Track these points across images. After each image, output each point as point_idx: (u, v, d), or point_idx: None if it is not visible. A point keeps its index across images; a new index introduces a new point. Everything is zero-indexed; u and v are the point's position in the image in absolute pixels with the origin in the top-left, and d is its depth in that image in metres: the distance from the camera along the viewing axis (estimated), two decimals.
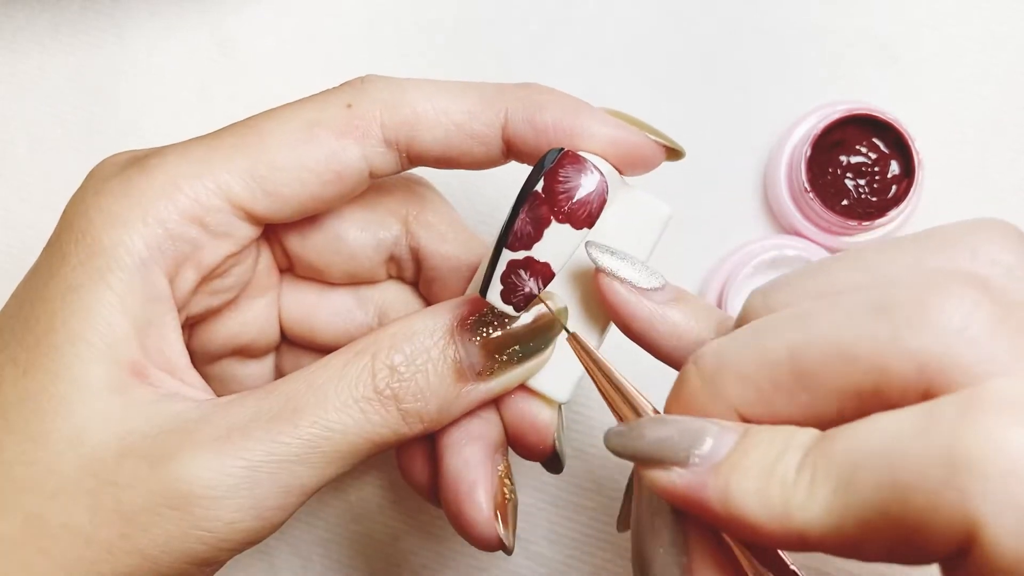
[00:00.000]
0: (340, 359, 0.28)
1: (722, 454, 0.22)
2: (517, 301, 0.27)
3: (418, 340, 0.28)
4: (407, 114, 0.28)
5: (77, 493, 0.25)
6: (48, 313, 0.27)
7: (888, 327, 0.21)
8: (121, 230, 0.27)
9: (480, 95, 0.29)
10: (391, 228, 0.32)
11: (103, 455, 0.26)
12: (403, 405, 0.27)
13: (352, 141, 0.28)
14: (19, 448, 0.26)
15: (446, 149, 0.29)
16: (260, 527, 0.26)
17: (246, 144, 0.28)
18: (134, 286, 0.27)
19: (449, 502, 0.30)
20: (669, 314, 0.28)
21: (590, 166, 0.26)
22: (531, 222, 0.26)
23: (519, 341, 0.28)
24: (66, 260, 0.27)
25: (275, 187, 0.28)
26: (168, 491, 0.25)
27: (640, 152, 0.29)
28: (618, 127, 0.29)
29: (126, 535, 0.25)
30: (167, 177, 0.27)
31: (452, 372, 0.28)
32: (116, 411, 0.26)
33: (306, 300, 0.33)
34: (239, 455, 0.26)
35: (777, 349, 0.22)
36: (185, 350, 0.29)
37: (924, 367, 0.20)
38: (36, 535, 0.25)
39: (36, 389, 0.26)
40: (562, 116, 0.28)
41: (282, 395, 0.27)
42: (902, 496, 0.19)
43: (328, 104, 0.29)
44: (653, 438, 0.23)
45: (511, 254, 0.26)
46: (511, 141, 0.29)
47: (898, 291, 0.21)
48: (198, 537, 0.25)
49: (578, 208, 0.26)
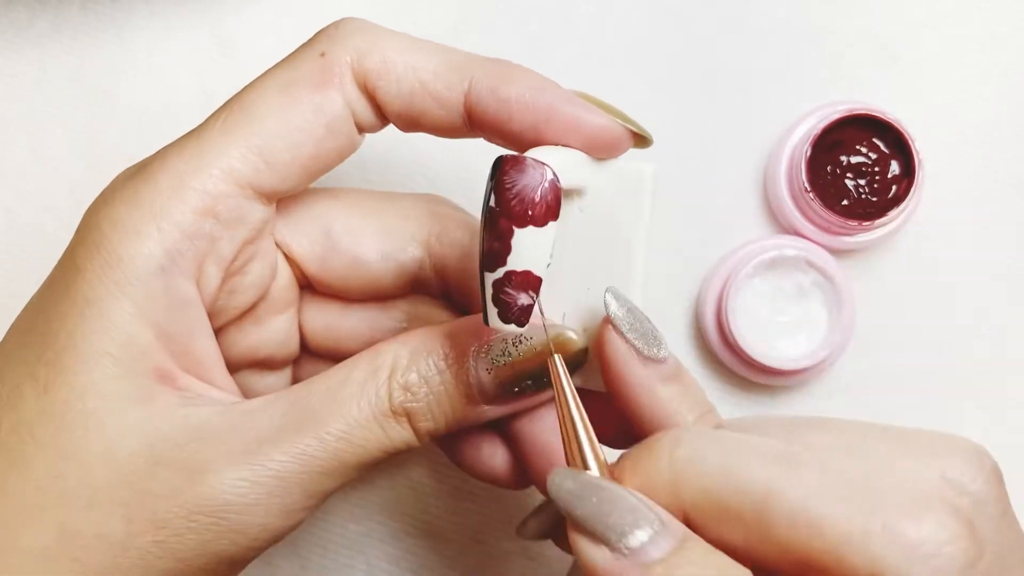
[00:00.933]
0: (361, 372, 0.28)
1: (652, 557, 0.22)
2: (517, 317, 0.26)
3: (433, 361, 0.28)
4: (377, 62, 0.28)
5: (111, 504, 0.26)
6: (67, 328, 0.27)
7: (867, 523, 0.21)
8: (136, 240, 0.27)
9: (448, 58, 0.28)
10: (411, 251, 0.32)
11: (135, 466, 0.26)
12: (415, 424, 0.28)
13: (331, 90, 0.28)
14: (49, 464, 0.26)
15: (408, 106, 0.28)
16: (287, 526, 0.28)
17: (234, 122, 0.28)
18: (155, 295, 0.27)
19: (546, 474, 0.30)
20: (659, 392, 0.27)
21: (532, 162, 0.26)
22: (496, 238, 0.26)
23: (532, 376, 0.28)
24: (81, 273, 0.27)
25: (274, 156, 0.28)
26: (203, 501, 0.26)
27: (606, 136, 0.28)
28: (585, 109, 0.28)
29: (160, 542, 0.26)
30: (171, 178, 0.27)
31: (463, 397, 0.28)
32: (144, 420, 0.26)
33: (329, 313, 0.33)
34: (269, 466, 0.26)
35: (755, 485, 0.22)
36: (217, 351, 0.29)
37: (878, 574, 0.21)
38: (71, 546, 0.26)
39: (60, 405, 0.26)
40: (527, 91, 0.28)
41: (307, 407, 0.28)
42: None
43: (302, 59, 0.29)
44: (593, 508, 0.23)
45: (491, 275, 0.26)
46: (473, 109, 0.28)
47: (887, 493, 0.22)
48: (231, 540, 0.26)
49: (532, 207, 0.25)
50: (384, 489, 0.42)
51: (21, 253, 0.43)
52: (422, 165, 0.42)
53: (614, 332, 0.27)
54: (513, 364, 0.28)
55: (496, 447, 0.32)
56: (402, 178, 0.42)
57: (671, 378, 0.28)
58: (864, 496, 0.22)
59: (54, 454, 0.26)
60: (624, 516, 0.23)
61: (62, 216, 0.42)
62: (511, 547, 0.41)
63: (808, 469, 0.22)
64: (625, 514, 0.23)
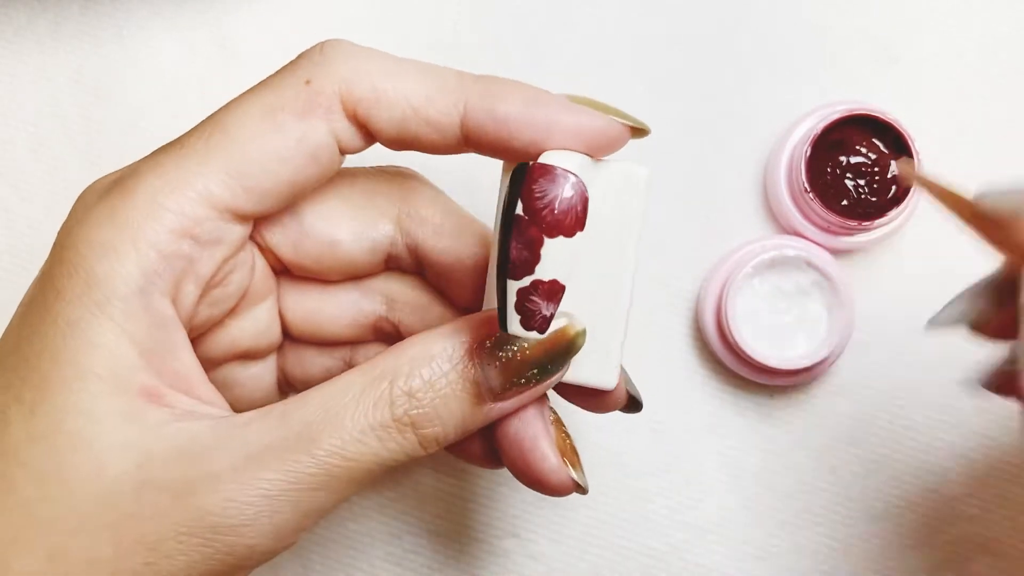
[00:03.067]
0: (357, 384, 0.28)
1: None
2: (539, 325, 0.26)
3: (436, 365, 0.28)
4: (366, 90, 0.28)
5: (99, 527, 0.26)
6: (50, 350, 0.26)
7: None
8: (114, 260, 0.26)
9: (441, 83, 0.28)
10: (384, 229, 0.32)
11: (122, 488, 0.26)
12: (421, 431, 0.28)
13: (317, 119, 0.28)
14: (36, 488, 0.26)
15: (401, 132, 0.28)
16: (279, 547, 0.27)
17: (215, 144, 0.27)
18: (135, 313, 0.27)
19: (517, 463, 0.30)
20: None
21: (561, 172, 0.26)
22: (525, 247, 0.26)
23: (538, 365, 0.28)
24: (61, 295, 0.27)
25: (253, 182, 0.28)
26: (191, 522, 0.26)
27: (606, 135, 0.28)
28: (581, 113, 0.28)
29: (150, 564, 0.26)
30: (147, 196, 0.27)
31: (471, 396, 0.28)
32: (132, 439, 0.26)
33: (308, 298, 0.33)
34: (259, 486, 0.26)
35: None
36: (199, 365, 0.29)
37: None
38: (60, 571, 0.25)
39: (47, 427, 0.26)
40: (524, 108, 0.28)
41: (298, 421, 0.27)
42: None
43: (286, 84, 0.28)
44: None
45: (517, 283, 0.26)
46: (470, 131, 0.28)
47: None
48: (221, 560, 0.26)
49: (564, 217, 0.26)
50: (385, 489, 0.42)
51: (21, 253, 0.43)
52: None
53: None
54: (520, 355, 0.28)
55: (474, 433, 0.31)
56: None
57: None
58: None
59: (41, 477, 0.26)
60: None
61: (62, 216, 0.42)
62: (511, 547, 0.42)
63: None
64: None
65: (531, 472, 0.30)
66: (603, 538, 0.41)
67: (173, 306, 0.28)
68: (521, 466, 0.30)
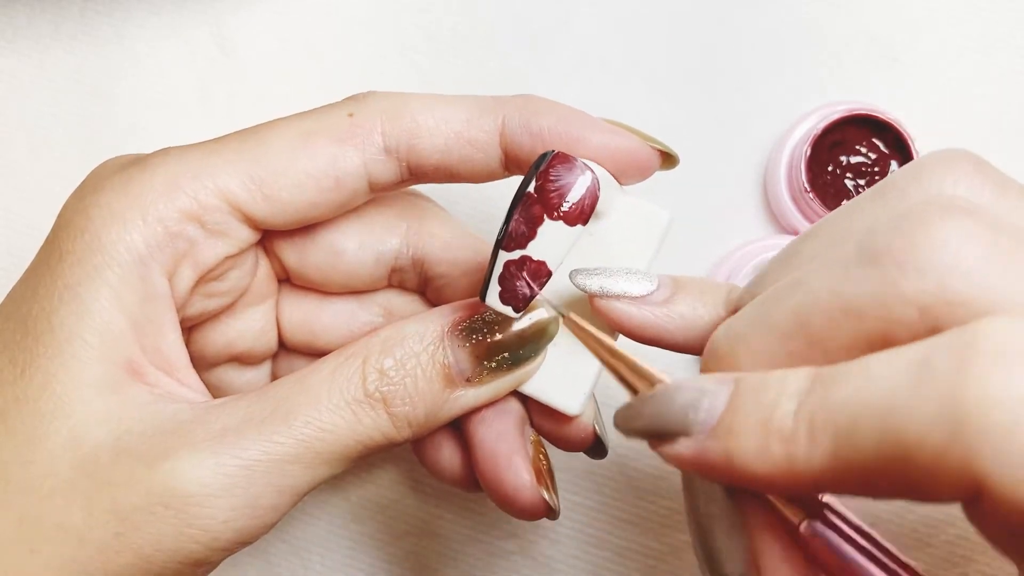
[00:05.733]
0: (332, 362, 0.28)
1: (717, 414, 0.22)
2: (516, 302, 0.27)
3: (408, 344, 0.28)
4: (407, 122, 0.29)
5: (72, 494, 0.26)
6: (45, 312, 0.27)
7: (880, 275, 0.20)
8: (120, 227, 0.27)
9: (478, 104, 0.29)
10: (390, 242, 0.32)
11: (99, 456, 0.26)
12: (392, 409, 0.28)
13: (352, 147, 0.28)
14: (16, 450, 0.26)
15: (445, 156, 0.29)
16: (254, 526, 0.26)
17: (246, 148, 0.28)
18: (132, 283, 0.27)
19: (488, 477, 0.30)
20: (674, 311, 0.27)
21: (580, 164, 0.27)
22: (525, 222, 0.26)
23: (509, 348, 0.28)
24: (63, 258, 0.27)
25: (274, 191, 0.28)
26: (163, 490, 0.25)
27: (636, 158, 0.29)
28: (614, 133, 0.29)
29: (120, 534, 0.25)
30: (167, 176, 0.28)
31: (440, 377, 0.28)
32: (113, 411, 0.26)
33: (306, 306, 0.33)
34: (234, 454, 0.26)
35: (783, 318, 0.22)
36: (184, 349, 0.29)
37: (925, 310, 0.20)
38: (30, 536, 0.25)
39: (34, 390, 0.26)
40: (558, 122, 0.29)
41: (275, 397, 0.27)
42: (905, 453, 0.19)
43: (330, 114, 0.29)
44: (649, 414, 0.23)
45: (507, 255, 0.27)
46: (509, 148, 0.29)
47: (883, 235, 0.21)
48: (192, 536, 0.26)
49: (570, 205, 0.27)
50: (386, 489, 0.42)
51: (21, 253, 0.43)
52: None
53: (602, 299, 0.28)
54: (491, 338, 0.28)
55: (454, 449, 0.32)
56: None
57: (676, 292, 0.28)
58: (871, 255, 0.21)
59: (22, 440, 0.26)
60: (679, 405, 0.23)
61: None
62: (511, 547, 0.42)
63: (817, 273, 0.22)
64: (679, 402, 0.23)
65: (502, 489, 0.30)
66: (603, 538, 0.41)
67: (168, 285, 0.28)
68: (494, 482, 0.30)
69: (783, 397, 0.21)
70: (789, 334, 0.22)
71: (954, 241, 0.20)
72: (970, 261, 0.20)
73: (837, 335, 0.22)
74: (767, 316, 0.23)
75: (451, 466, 0.32)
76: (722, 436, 0.22)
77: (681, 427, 0.23)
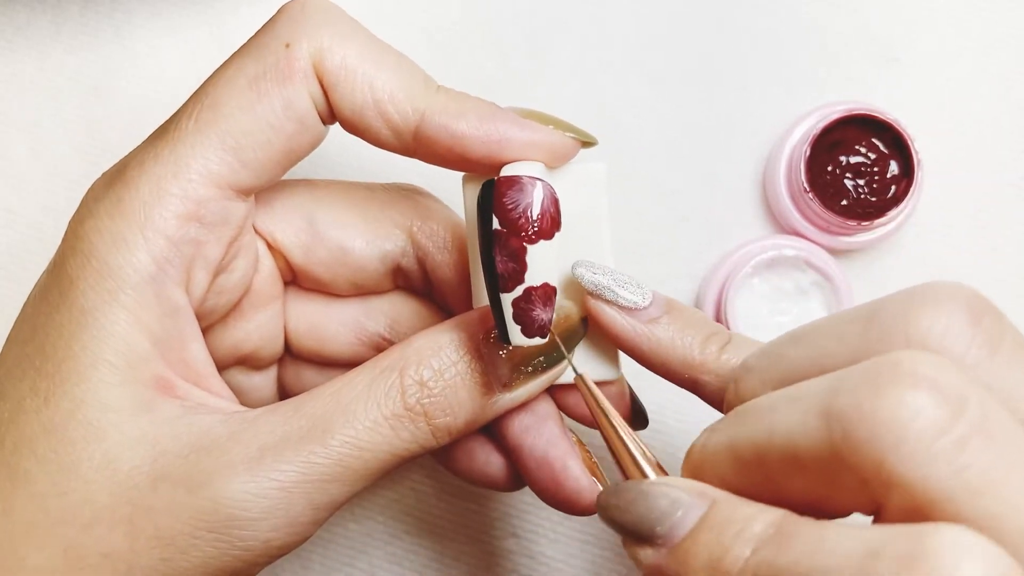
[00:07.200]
0: (366, 376, 0.28)
1: (682, 533, 0.22)
2: (542, 331, 0.27)
3: (445, 355, 0.28)
4: (336, 64, 0.28)
5: (114, 521, 0.26)
6: (64, 338, 0.26)
7: (829, 438, 0.20)
8: (124, 250, 0.27)
9: (406, 82, 0.28)
10: (395, 239, 0.32)
11: (137, 481, 0.26)
12: (433, 421, 0.28)
13: (297, 84, 0.28)
14: (50, 480, 0.26)
15: (357, 117, 0.28)
16: (294, 542, 0.27)
17: (205, 122, 0.28)
18: (148, 302, 0.27)
19: (544, 485, 0.30)
20: (656, 332, 0.28)
21: (527, 180, 0.26)
22: (510, 258, 0.26)
23: (544, 352, 0.28)
24: (74, 284, 0.27)
25: (249, 155, 0.28)
26: (207, 515, 0.26)
27: (556, 148, 0.29)
28: (534, 130, 0.29)
29: (167, 560, 0.26)
30: (151, 184, 0.27)
31: (480, 386, 0.28)
32: (146, 432, 0.26)
33: (312, 311, 0.33)
34: (273, 477, 0.26)
35: (747, 449, 0.23)
36: (209, 357, 0.29)
37: (865, 484, 0.20)
38: (76, 567, 0.25)
39: (62, 417, 0.26)
40: (478, 124, 0.28)
41: (310, 414, 0.27)
42: None
43: (268, 48, 0.28)
44: (625, 518, 0.23)
45: (510, 295, 0.26)
46: (423, 140, 0.28)
47: (843, 395, 0.20)
48: (236, 556, 0.26)
49: (540, 221, 0.26)
50: (386, 489, 0.42)
51: (21, 253, 0.43)
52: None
53: (595, 299, 0.28)
54: (526, 347, 0.28)
55: (491, 453, 0.32)
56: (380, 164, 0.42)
57: (665, 314, 0.28)
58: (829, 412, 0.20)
59: (55, 469, 0.26)
60: (653, 511, 0.23)
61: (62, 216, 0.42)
62: (511, 547, 0.42)
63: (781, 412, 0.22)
64: (655, 509, 0.23)
65: (562, 493, 0.30)
66: (603, 538, 0.41)
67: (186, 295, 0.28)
68: (551, 488, 0.30)
69: (740, 540, 0.21)
70: (750, 466, 0.23)
71: (903, 418, 0.19)
72: (912, 445, 0.19)
73: (791, 480, 0.22)
74: (735, 442, 0.23)
75: (490, 469, 0.32)
76: (678, 560, 0.22)
77: (649, 537, 0.23)
